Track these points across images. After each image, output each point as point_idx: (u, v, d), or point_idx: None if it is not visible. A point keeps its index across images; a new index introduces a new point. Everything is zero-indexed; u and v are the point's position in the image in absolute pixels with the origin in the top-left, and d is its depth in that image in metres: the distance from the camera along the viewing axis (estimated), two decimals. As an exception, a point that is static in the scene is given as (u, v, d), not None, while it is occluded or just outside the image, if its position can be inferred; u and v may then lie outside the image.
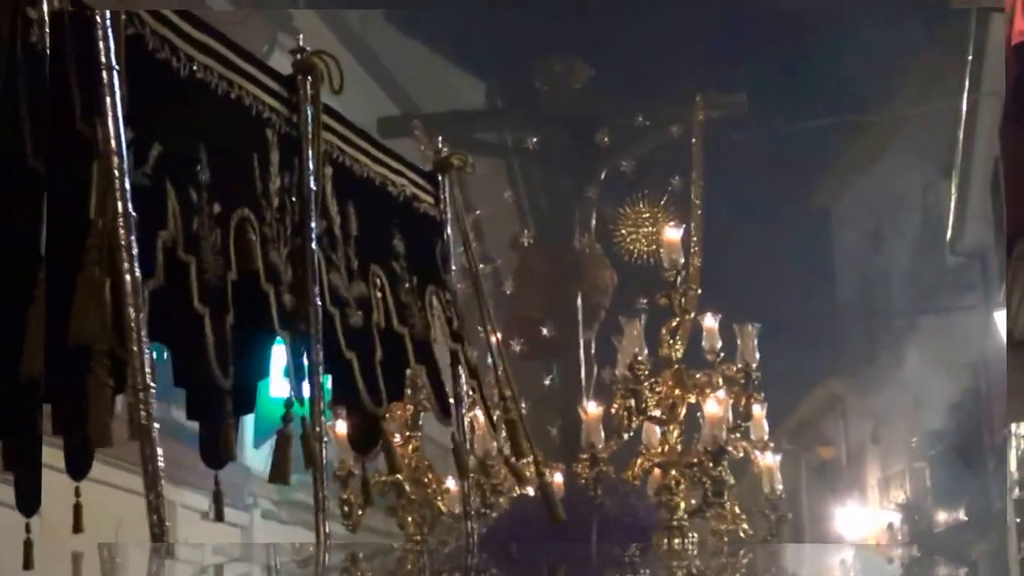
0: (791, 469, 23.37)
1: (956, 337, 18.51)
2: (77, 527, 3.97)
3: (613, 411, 8.04)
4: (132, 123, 3.01)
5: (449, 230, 4.55)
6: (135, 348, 2.88)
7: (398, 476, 7.49)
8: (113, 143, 2.94)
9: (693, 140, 9.40)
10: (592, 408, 8.04)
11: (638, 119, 9.60)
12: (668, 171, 9.56)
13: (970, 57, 15.95)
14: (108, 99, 2.94)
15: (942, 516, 19.58)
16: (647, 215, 9.53)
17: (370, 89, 14.71)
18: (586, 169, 9.60)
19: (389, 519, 7.79)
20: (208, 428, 3.51)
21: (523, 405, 9.36)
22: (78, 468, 3.52)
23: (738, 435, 8.13)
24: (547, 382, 9.58)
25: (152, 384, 2.90)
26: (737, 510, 8.08)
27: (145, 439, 2.94)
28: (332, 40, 14.22)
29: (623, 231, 9.63)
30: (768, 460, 8.49)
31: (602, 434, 7.91)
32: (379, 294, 4.12)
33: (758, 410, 8.24)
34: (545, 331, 9.47)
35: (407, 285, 4.28)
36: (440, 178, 4.62)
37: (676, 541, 7.42)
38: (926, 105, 17.85)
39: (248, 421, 3.83)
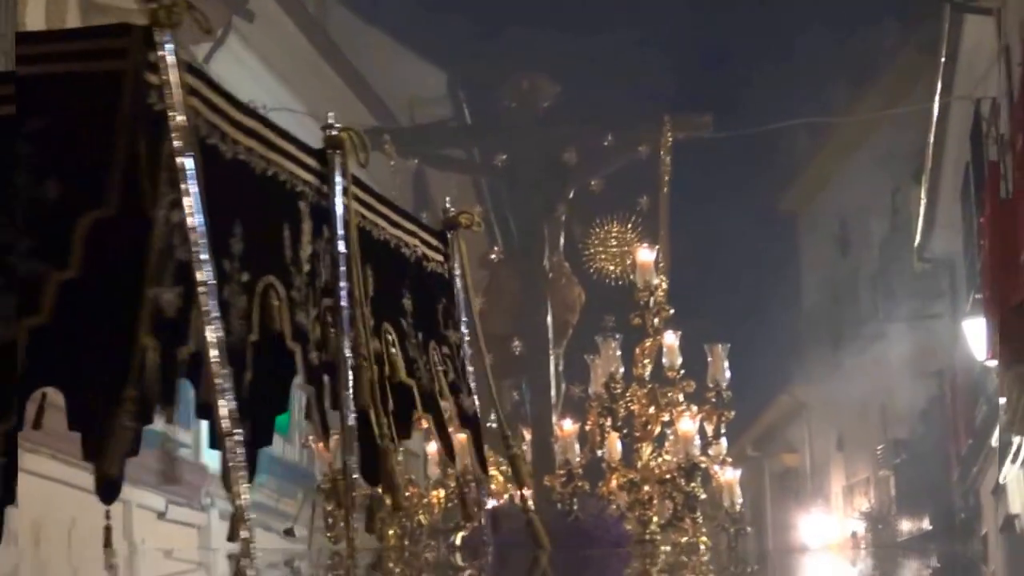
0: (755, 476, 24.21)
1: (923, 345, 19.31)
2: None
3: (587, 428, 8.86)
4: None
5: (458, 284, 5.15)
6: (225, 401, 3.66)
7: (378, 489, 8.19)
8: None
9: (661, 160, 10.16)
10: (568, 426, 8.85)
11: (606, 138, 10.31)
12: (636, 190, 10.30)
13: (943, 59, 16.34)
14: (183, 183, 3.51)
15: (906, 525, 20.39)
16: (615, 234, 10.30)
17: (324, 73, 15.39)
18: (555, 187, 10.29)
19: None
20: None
21: (494, 418, 10.23)
22: (108, 493, 4.19)
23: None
24: (516, 397, 10.31)
25: (239, 436, 3.67)
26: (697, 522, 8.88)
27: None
28: (288, 24, 14.94)
29: (591, 249, 10.37)
30: (728, 475, 9.27)
31: (577, 450, 8.72)
32: (393, 350, 4.69)
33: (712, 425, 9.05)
34: (515, 347, 10.21)
35: (413, 341, 4.85)
36: (449, 236, 5.11)
37: (648, 553, 8.26)
38: (897, 107, 18.49)
39: (204, 423, 4.47)
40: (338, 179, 4.33)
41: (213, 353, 3.56)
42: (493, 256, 10.39)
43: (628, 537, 8.67)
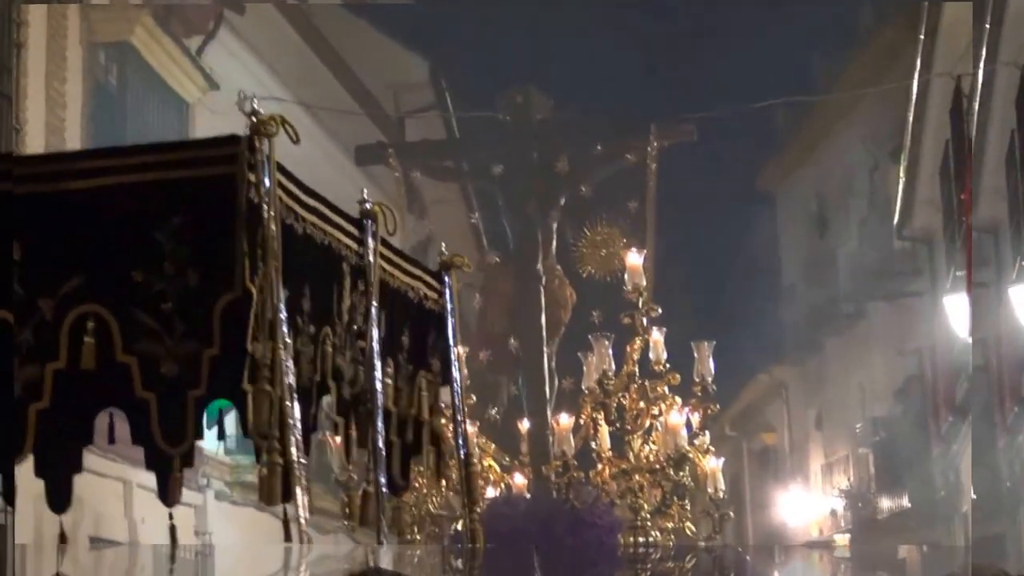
0: (734, 456, 25.44)
1: (902, 323, 20.65)
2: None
3: (582, 422, 10.35)
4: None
5: (450, 319, 6.25)
6: (292, 434, 4.79)
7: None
8: (273, 293, 4.71)
9: (647, 167, 11.69)
10: (563, 419, 10.31)
11: (596, 148, 11.83)
12: (624, 195, 11.84)
13: (922, 36, 17.21)
14: (268, 263, 4.71)
15: (885, 503, 21.75)
16: (604, 236, 11.85)
17: (312, 62, 16.66)
18: (547, 195, 11.81)
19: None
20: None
21: (494, 411, 11.69)
22: (168, 498, 5.34)
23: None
24: (514, 391, 11.80)
25: (304, 460, 4.87)
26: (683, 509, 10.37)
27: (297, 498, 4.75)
28: (276, 15, 16.18)
29: (582, 251, 11.92)
30: (711, 464, 10.71)
31: (572, 442, 10.19)
32: (388, 381, 5.84)
33: (697, 417, 10.54)
34: (511, 344, 11.72)
35: (405, 372, 6.07)
36: (444, 276, 6.30)
37: (640, 539, 9.78)
38: (875, 85, 19.63)
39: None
40: (370, 243, 5.61)
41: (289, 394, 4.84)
42: (490, 260, 11.89)
43: (620, 523, 10.15)
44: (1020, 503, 16.43)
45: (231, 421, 5.28)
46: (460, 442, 6.51)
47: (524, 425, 11.37)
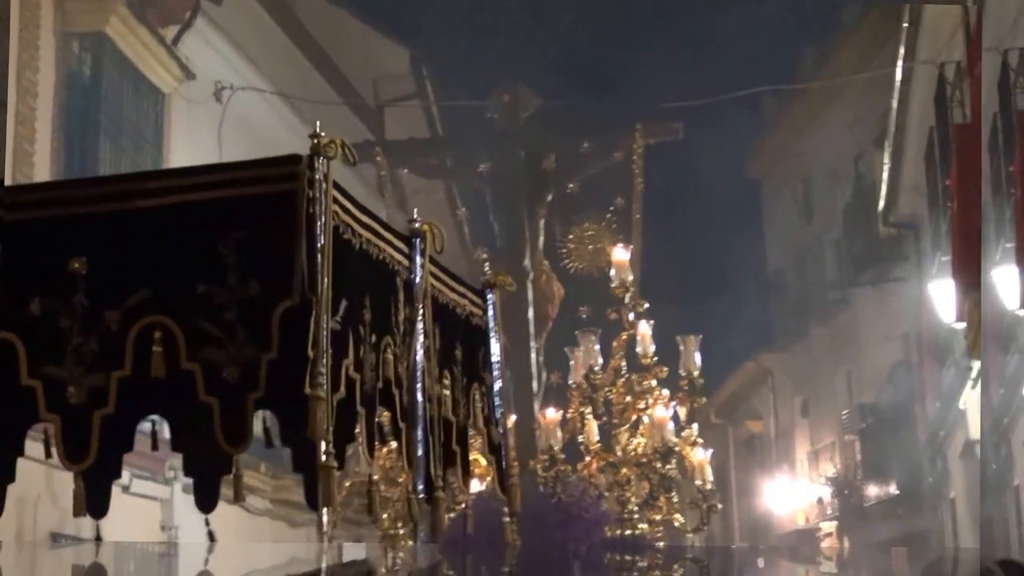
0: (720, 444, 25.77)
1: (888, 309, 21.01)
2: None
3: (569, 416, 10.72)
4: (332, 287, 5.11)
5: (494, 336, 6.62)
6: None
7: (373, 476, 10.04)
8: (323, 302, 5.03)
9: (634, 164, 12.10)
10: (550, 413, 10.68)
11: (583, 145, 12.23)
12: (611, 192, 12.25)
13: (906, 24, 17.75)
14: (321, 273, 5.02)
15: (872, 490, 22.18)
16: (591, 233, 12.27)
17: (291, 52, 16.95)
18: (535, 191, 12.20)
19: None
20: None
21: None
22: (206, 504, 5.70)
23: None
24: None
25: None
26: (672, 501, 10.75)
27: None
28: (254, 5, 16.46)
29: (569, 247, 12.33)
30: (698, 456, 11.08)
31: (559, 436, 10.57)
32: (447, 392, 6.23)
33: (684, 411, 10.91)
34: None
35: (460, 384, 6.42)
36: (488, 294, 6.70)
37: (627, 532, 10.17)
38: (860, 73, 20.00)
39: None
40: (419, 260, 5.91)
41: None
42: (477, 255, 12.27)
43: (608, 516, 10.53)
44: (1005, 487, 16.57)
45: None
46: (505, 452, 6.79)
47: (511, 419, 11.71)
